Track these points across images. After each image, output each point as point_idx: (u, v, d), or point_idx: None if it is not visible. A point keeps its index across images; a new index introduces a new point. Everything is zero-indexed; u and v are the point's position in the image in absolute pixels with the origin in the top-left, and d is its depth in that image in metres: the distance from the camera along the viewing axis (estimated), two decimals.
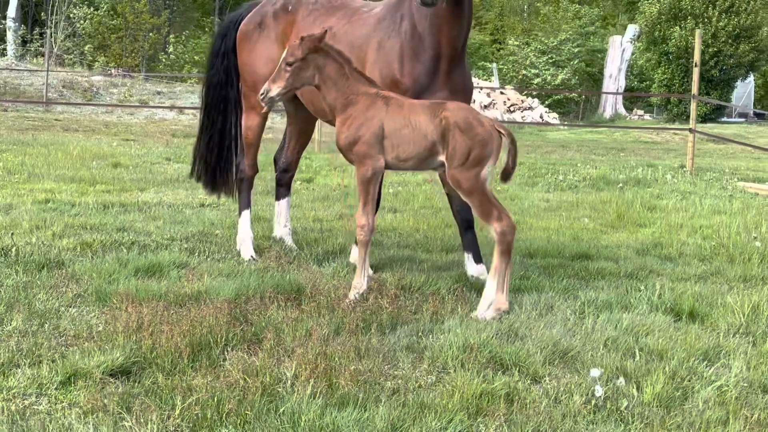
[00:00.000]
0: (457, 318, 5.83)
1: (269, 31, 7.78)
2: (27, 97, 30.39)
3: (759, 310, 6.33)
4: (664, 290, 6.75)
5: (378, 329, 5.55)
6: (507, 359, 5.09)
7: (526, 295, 6.54)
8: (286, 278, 6.52)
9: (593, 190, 13.94)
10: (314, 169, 15.38)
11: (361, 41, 7.13)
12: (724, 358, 5.35)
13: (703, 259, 8.36)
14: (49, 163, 14.05)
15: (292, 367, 4.75)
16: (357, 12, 7.45)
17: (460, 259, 7.64)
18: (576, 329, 5.73)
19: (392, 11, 7.08)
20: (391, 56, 6.90)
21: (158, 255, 7.22)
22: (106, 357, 4.74)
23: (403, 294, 6.31)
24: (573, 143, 28.51)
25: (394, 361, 5.09)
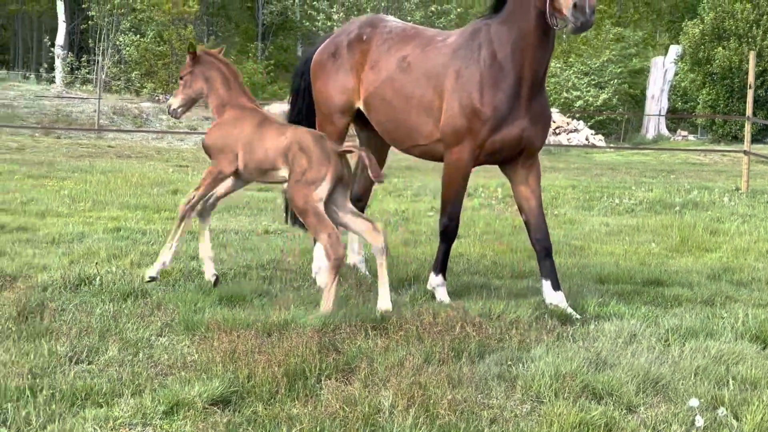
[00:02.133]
0: (544, 346, 5.85)
1: (343, 61, 7.84)
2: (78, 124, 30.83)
3: None
4: (747, 317, 6.72)
5: (468, 358, 5.58)
6: (600, 388, 5.10)
7: (607, 323, 6.54)
8: (370, 306, 6.57)
9: (651, 214, 13.90)
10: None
11: (438, 70, 7.21)
12: None
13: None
14: (110, 190, 14.24)
15: (389, 396, 4.79)
16: (431, 41, 7.52)
17: (534, 286, 7.67)
18: (663, 357, 5.72)
19: (469, 40, 7.17)
20: (470, 85, 6.98)
21: (238, 283, 7.30)
22: (206, 386, 4.81)
23: (485, 322, 6.33)
24: (621, 165, 28.44)
25: (487, 390, 5.11)
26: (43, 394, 4.67)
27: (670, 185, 19.09)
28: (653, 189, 17.42)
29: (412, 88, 7.34)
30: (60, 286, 7.04)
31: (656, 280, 8.31)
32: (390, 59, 7.54)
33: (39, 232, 9.79)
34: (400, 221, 12.12)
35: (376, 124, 7.73)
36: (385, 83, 7.48)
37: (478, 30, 7.16)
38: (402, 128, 7.49)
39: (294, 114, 8.39)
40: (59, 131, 28.65)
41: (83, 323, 5.96)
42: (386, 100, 7.49)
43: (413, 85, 7.34)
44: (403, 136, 7.54)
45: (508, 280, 8.18)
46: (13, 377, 4.89)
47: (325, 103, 7.94)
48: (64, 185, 14.54)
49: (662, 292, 7.73)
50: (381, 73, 7.54)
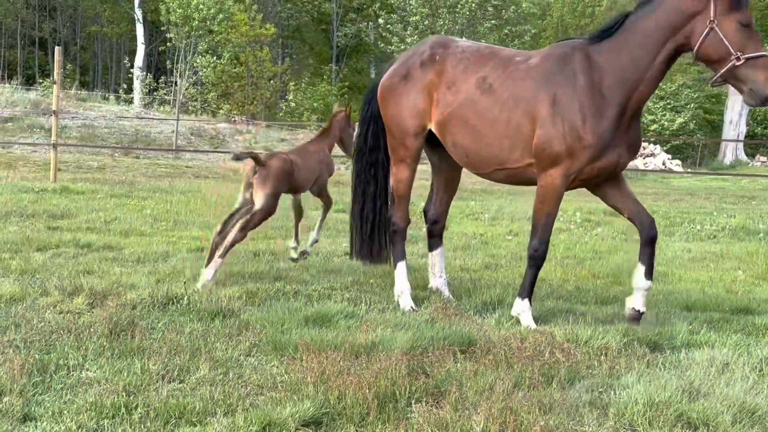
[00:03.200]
0: (635, 374, 5.76)
1: (416, 82, 7.81)
2: (157, 145, 31.32)
3: None
4: None
5: (558, 384, 5.52)
6: (695, 418, 5.00)
7: (698, 351, 6.43)
8: (456, 330, 6.54)
9: (734, 240, 13.68)
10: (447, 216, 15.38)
11: (528, 94, 7.16)
12: None
13: None
14: (191, 210, 14.42)
15: (480, 421, 4.75)
16: (511, 62, 7.48)
17: (620, 312, 7.59)
18: (759, 388, 5.60)
19: (561, 65, 7.14)
20: (571, 112, 6.97)
21: (324, 305, 7.32)
22: (298, 407, 4.82)
23: (574, 347, 6.26)
24: (700, 191, 28.04)
25: (578, 417, 5.05)
26: (138, 412, 4.73)
27: (752, 211, 18.77)
28: (735, 215, 17.14)
29: (498, 111, 7.28)
30: (149, 304, 7.12)
31: (745, 308, 8.16)
32: (468, 80, 7.51)
33: (124, 251, 9.93)
34: (479, 245, 12.06)
35: (452, 146, 7.67)
36: (465, 105, 7.44)
37: (569, 54, 7.15)
38: (484, 151, 7.43)
39: (361, 141, 8.51)
40: (138, 151, 29.13)
41: (173, 342, 6.02)
42: (467, 122, 7.44)
43: (499, 108, 7.28)
44: (485, 159, 7.49)
45: (592, 305, 8.09)
46: (108, 394, 4.96)
47: (397, 126, 7.93)
48: (146, 204, 14.76)
49: (752, 320, 7.58)
50: (459, 95, 7.50)
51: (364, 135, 8.43)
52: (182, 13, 47.31)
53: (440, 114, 7.60)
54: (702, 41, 6.84)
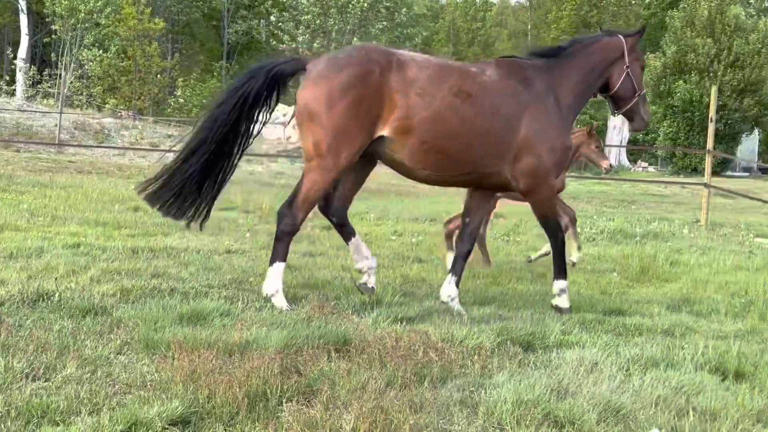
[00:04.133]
0: (506, 373, 5.84)
1: (374, 89, 7.55)
2: (39, 138, 30.55)
3: None
4: (707, 348, 6.76)
5: (430, 383, 5.56)
6: (561, 416, 5.08)
7: (568, 351, 6.55)
8: (332, 329, 6.53)
9: (612, 243, 14.00)
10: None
11: (508, 110, 7.89)
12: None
13: (736, 316, 8.40)
14: (70, 205, 14.11)
15: (350, 420, 4.74)
16: (475, 74, 7.95)
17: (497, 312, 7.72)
18: (624, 387, 5.73)
19: (526, 83, 8.04)
20: (552, 132, 8.01)
21: (200, 303, 7.23)
22: (166, 406, 4.74)
23: (448, 347, 6.31)
24: (582, 195, 28.62)
25: (448, 416, 5.09)
26: None
27: (631, 215, 19.26)
28: (614, 219, 17.56)
29: (480, 119, 7.74)
30: (18, 301, 6.92)
31: (617, 309, 8.36)
32: (441, 87, 7.66)
33: None
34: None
35: (420, 148, 7.66)
36: (445, 110, 7.63)
37: (531, 74, 8.12)
38: (461, 154, 7.79)
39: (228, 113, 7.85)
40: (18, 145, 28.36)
41: (41, 339, 5.84)
42: (448, 125, 7.64)
43: (481, 116, 7.75)
44: (459, 162, 7.83)
45: (470, 305, 8.17)
46: None
47: (339, 133, 7.51)
48: (23, 199, 14.39)
49: (623, 321, 7.76)
50: (434, 101, 7.61)
51: (233, 108, 7.81)
52: (68, 5, 46.26)
53: (407, 118, 7.57)
54: (620, 81, 8.49)
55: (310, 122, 7.60)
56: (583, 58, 8.41)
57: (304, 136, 7.70)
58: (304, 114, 7.64)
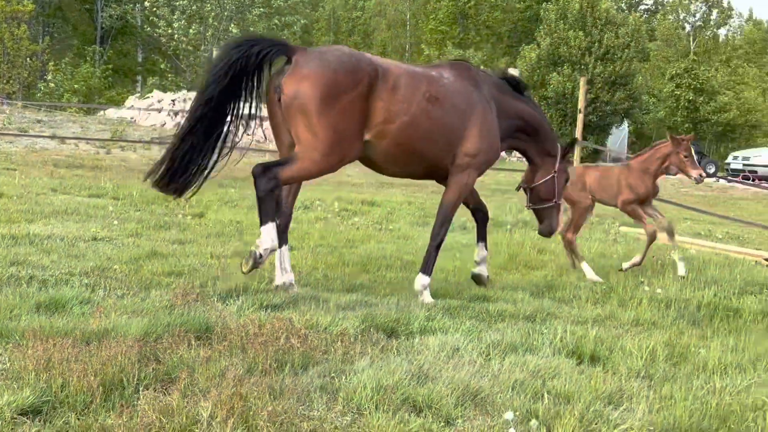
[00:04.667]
0: (368, 359, 5.88)
1: (366, 93, 7.85)
2: None
3: (655, 354, 6.57)
4: (566, 333, 6.93)
5: (291, 369, 5.56)
6: (420, 401, 5.15)
7: (431, 337, 6.63)
8: (194, 316, 6.47)
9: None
10: (204, 203, 15.22)
11: (463, 107, 8.47)
12: (628, 402, 5.52)
13: (596, 302, 8.62)
14: None
15: (208, 407, 4.70)
16: (437, 78, 8.48)
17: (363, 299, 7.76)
18: (484, 371, 5.84)
19: (477, 88, 8.67)
20: (492, 132, 8.66)
21: (59, 290, 7.07)
22: (16, 395, 4.63)
23: (311, 334, 6.32)
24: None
25: (308, 402, 5.10)
26: None
27: (503, 204, 19.55)
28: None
29: (446, 119, 8.32)
30: None
31: (483, 296, 8.49)
32: (416, 93, 8.14)
33: None
34: (234, 232, 11.98)
35: (395, 149, 8.11)
36: (420, 114, 8.14)
37: (480, 80, 8.81)
38: (429, 151, 8.33)
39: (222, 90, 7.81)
40: None
41: None
42: (422, 128, 8.16)
43: (445, 116, 8.32)
44: (425, 158, 8.38)
45: (338, 293, 8.19)
46: None
47: (338, 129, 7.70)
48: None
49: (487, 307, 7.89)
50: (412, 106, 8.09)
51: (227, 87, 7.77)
52: None
53: (391, 123, 7.97)
54: (543, 181, 9.32)
55: (302, 118, 7.67)
56: (528, 110, 9.18)
57: (298, 127, 7.72)
58: (295, 106, 7.67)
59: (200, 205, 14.83)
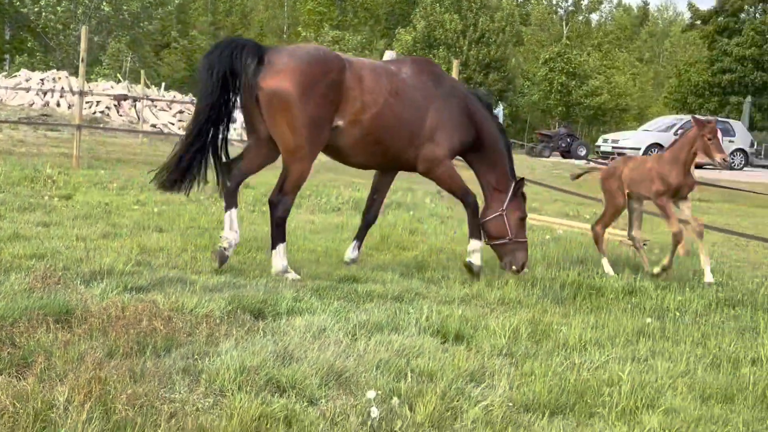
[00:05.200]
0: (232, 340, 5.84)
1: (337, 85, 8.45)
2: None
3: (518, 332, 6.71)
4: (432, 312, 7.01)
5: (153, 352, 5.48)
6: (284, 381, 5.15)
7: (299, 318, 6.63)
8: (53, 299, 6.31)
9: (356, 213, 14.22)
10: (72, 185, 14.86)
11: (422, 102, 8.99)
12: (489, 379, 5.63)
13: (464, 282, 8.74)
14: None
15: (64, 391, 4.60)
16: (396, 73, 9.03)
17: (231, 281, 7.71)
18: (349, 351, 5.86)
19: (436, 83, 9.19)
20: (451, 124, 9.12)
21: None
22: None
23: (176, 316, 6.25)
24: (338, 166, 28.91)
25: (170, 385, 5.04)
26: None
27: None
28: (360, 189, 17.84)
29: (406, 112, 8.86)
30: None
31: (353, 276, 8.51)
32: (381, 87, 8.72)
33: None
34: (102, 214, 11.73)
35: (365, 138, 8.68)
36: (386, 106, 8.70)
37: (440, 76, 9.39)
38: (395, 143, 8.89)
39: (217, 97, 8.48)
40: None
41: None
42: (387, 119, 8.71)
43: (406, 110, 8.86)
44: (389, 148, 8.92)
45: (206, 275, 8.10)
46: None
47: (313, 122, 8.33)
48: None
49: (356, 288, 7.93)
50: (380, 98, 8.67)
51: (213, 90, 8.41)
52: None
53: (361, 114, 8.58)
54: (489, 219, 9.35)
55: (283, 113, 8.27)
56: (486, 125, 9.38)
57: (277, 125, 8.34)
58: (275, 102, 8.26)
59: (68, 187, 14.49)
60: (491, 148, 9.42)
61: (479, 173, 9.55)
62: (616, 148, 35.21)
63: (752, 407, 5.57)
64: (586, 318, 7.50)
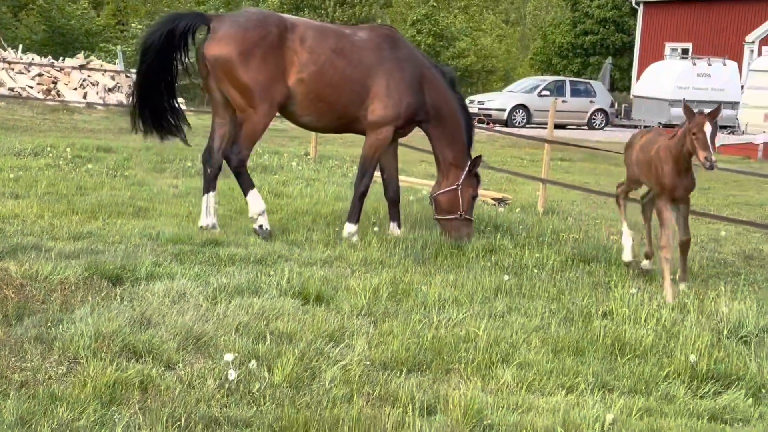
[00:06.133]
0: (88, 307, 5.74)
1: (278, 47, 8.84)
2: None
3: (379, 292, 6.79)
4: (293, 275, 7.02)
5: (4, 321, 5.35)
6: (140, 347, 5.12)
7: (158, 283, 6.56)
8: None
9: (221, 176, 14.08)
10: None
11: (371, 62, 9.20)
12: (349, 339, 5.70)
13: (328, 244, 8.75)
14: None
15: None
16: (347, 34, 9.43)
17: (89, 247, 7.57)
18: (209, 315, 5.85)
19: (392, 48, 9.37)
20: (400, 87, 9.25)
21: None
22: None
23: (30, 283, 6.11)
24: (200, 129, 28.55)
25: (22, 353, 4.95)
26: None
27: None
28: None
29: (351, 71, 9.08)
30: None
31: (215, 240, 8.45)
32: (323, 45, 9.00)
33: None
34: None
35: (310, 97, 9.02)
36: (327, 64, 8.97)
37: (398, 40, 9.60)
38: (340, 101, 9.13)
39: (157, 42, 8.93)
40: None
41: None
42: (329, 78, 8.97)
43: (351, 69, 9.09)
44: (336, 109, 9.20)
45: (63, 241, 7.92)
46: None
47: (259, 84, 8.77)
48: None
49: (218, 251, 7.88)
50: (321, 56, 8.96)
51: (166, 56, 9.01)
52: None
53: (302, 72, 8.91)
54: (444, 191, 9.40)
55: (227, 76, 8.81)
56: (445, 98, 9.51)
57: (225, 87, 8.93)
58: (218, 67, 8.82)
59: None
60: (450, 122, 9.53)
61: (437, 147, 9.64)
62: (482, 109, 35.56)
63: (601, 359, 5.79)
64: (446, 277, 7.62)
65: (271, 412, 4.49)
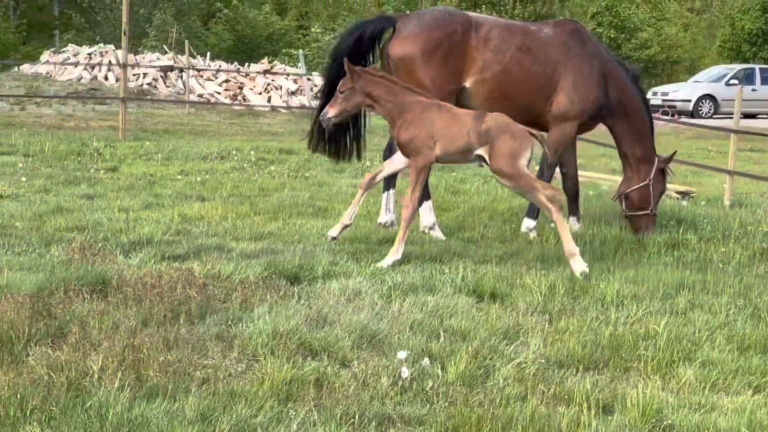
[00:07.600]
0: (266, 305, 5.87)
1: (457, 48, 8.85)
2: None
3: (555, 289, 6.67)
4: (467, 272, 6.99)
5: (187, 319, 5.54)
6: (316, 345, 5.19)
7: (334, 281, 6.65)
8: (91, 270, 6.38)
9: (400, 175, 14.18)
10: (119, 157, 14.97)
11: (558, 58, 9.13)
12: (523, 336, 5.62)
13: (504, 241, 8.68)
14: None
15: (98, 360, 4.68)
16: (535, 31, 9.34)
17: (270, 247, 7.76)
18: (383, 313, 5.88)
19: (578, 42, 9.33)
20: (587, 83, 9.14)
21: None
22: None
23: (212, 283, 6.30)
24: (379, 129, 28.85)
25: (203, 351, 5.10)
26: None
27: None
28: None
29: (537, 67, 9.03)
30: None
31: (391, 239, 8.47)
32: (510, 44, 8.96)
33: None
34: (145, 185, 11.82)
35: (490, 95, 8.93)
36: (512, 62, 8.93)
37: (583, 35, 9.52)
38: (525, 98, 9.03)
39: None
40: None
41: None
42: (514, 75, 8.94)
43: (537, 65, 9.04)
44: (520, 104, 9.00)
45: (244, 241, 8.15)
46: None
47: (435, 86, 8.68)
48: None
49: None
50: (506, 55, 8.93)
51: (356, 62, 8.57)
52: None
53: (485, 72, 8.90)
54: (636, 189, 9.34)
55: (408, 75, 8.72)
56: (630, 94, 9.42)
57: None
58: (401, 67, 8.84)
59: (114, 159, 14.60)
60: (636, 117, 9.46)
61: (623, 143, 9.55)
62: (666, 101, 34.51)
63: None
64: (625, 273, 7.40)
65: (443, 410, 4.47)
